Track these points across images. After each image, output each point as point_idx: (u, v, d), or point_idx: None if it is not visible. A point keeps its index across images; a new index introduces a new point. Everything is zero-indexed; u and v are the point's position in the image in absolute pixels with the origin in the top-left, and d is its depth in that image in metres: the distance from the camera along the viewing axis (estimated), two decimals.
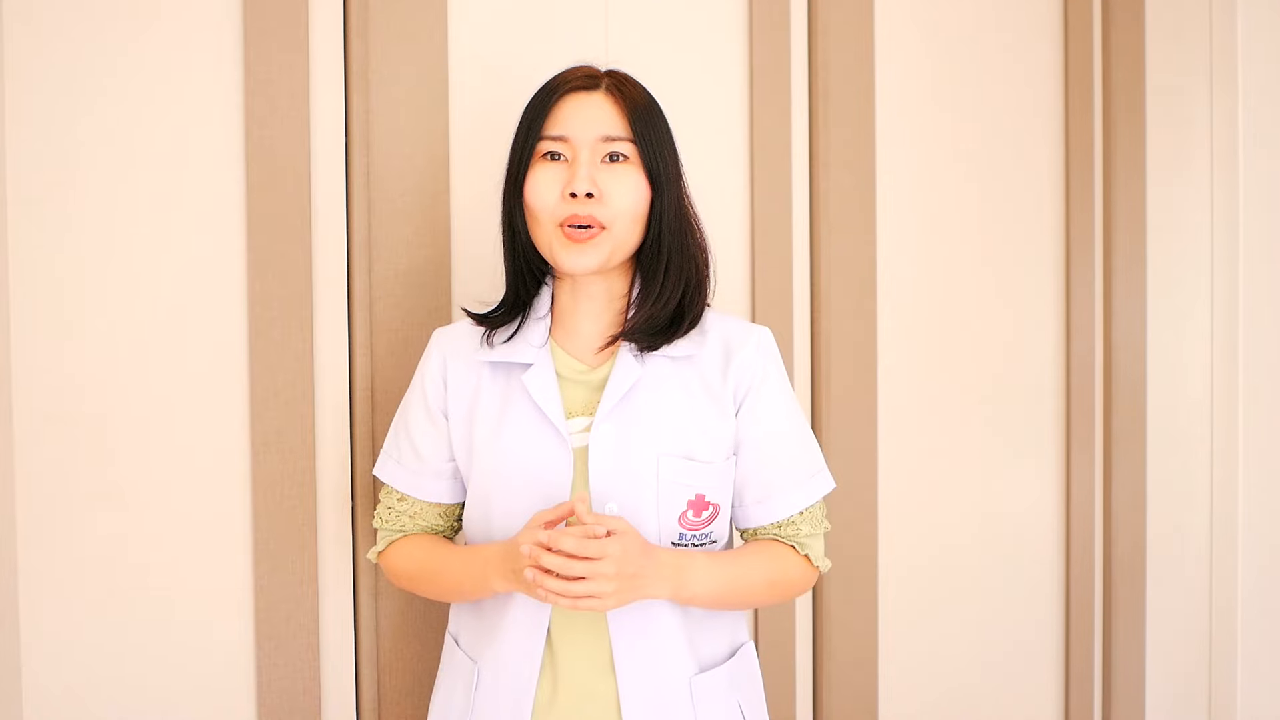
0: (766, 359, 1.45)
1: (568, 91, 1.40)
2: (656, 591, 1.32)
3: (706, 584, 1.36)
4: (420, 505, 1.49)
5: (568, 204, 1.37)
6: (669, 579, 1.33)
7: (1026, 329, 2.27)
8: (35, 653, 1.48)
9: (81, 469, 1.50)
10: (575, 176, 1.37)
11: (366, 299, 1.65)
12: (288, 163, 1.59)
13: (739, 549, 1.44)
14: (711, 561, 1.38)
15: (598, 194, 1.37)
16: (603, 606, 1.27)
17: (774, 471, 1.44)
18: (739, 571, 1.40)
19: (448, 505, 1.50)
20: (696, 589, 1.36)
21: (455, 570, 1.41)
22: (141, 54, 1.53)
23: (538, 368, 1.41)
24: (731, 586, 1.39)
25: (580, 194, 1.36)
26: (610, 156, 1.39)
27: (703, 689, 1.40)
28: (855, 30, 2.02)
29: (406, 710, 1.69)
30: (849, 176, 2.02)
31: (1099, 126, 2.32)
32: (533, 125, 1.41)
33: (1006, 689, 2.28)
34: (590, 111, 1.39)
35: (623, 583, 1.27)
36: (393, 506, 1.50)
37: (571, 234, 1.37)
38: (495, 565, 1.34)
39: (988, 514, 2.24)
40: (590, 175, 1.37)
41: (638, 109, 1.40)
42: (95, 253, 1.51)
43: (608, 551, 1.26)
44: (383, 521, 1.50)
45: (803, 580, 1.47)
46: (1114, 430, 2.32)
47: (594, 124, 1.38)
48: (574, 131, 1.38)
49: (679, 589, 1.34)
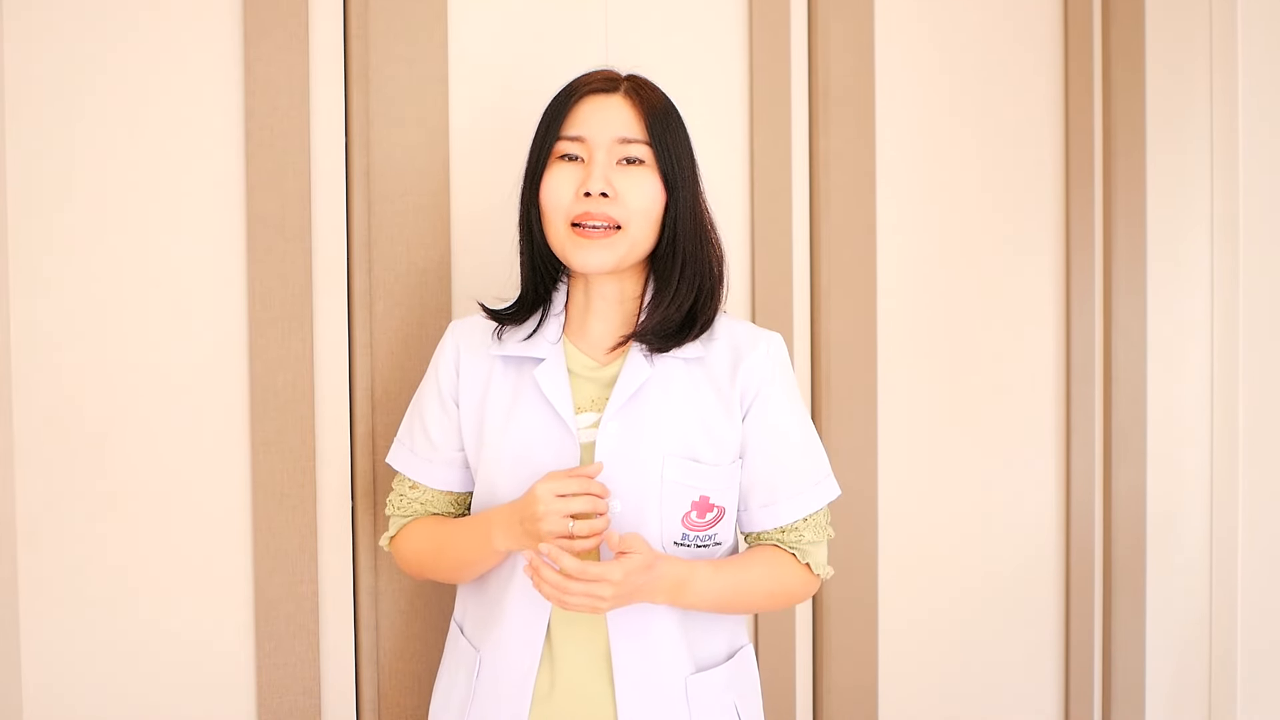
0: (775, 365, 1.45)
1: (586, 93, 1.41)
2: (654, 600, 1.35)
3: (705, 595, 1.38)
4: (432, 493, 1.50)
5: (581, 202, 1.38)
6: (667, 591, 1.35)
7: (1026, 329, 2.27)
8: (35, 653, 1.48)
9: (81, 469, 1.50)
10: (590, 176, 1.38)
11: (366, 299, 1.65)
12: (288, 162, 1.59)
13: (741, 556, 1.45)
14: (713, 572, 1.39)
15: (612, 194, 1.38)
16: (596, 611, 1.30)
17: (780, 477, 1.44)
18: (739, 580, 1.41)
19: (459, 494, 1.51)
20: (694, 600, 1.38)
21: (460, 538, 1.43)
22: (141, 54, 1.53)
23: (550, 363, 1.42)
24: (731, 595, 1.41)
25: (595, 193, 1.37)
26: (626, 159, 1.40)
27: (698, 689, 1.41)
28: (855, 30, 2.02)
29: (407, 709, 1.69)
30: (849, 176, 2.02)
31: (1099, 126, 2.32)
32: (551, 126, 1.42)
33: (1006, 689, 2.28)
34: (608, 113, 1.40)
35: (620, 597, 1.30)
36: (404, 494, 1.51)
37: (583, 232, 1.38)
38: (500, 523, 1.36)
39: (988, 514, 2.24)
40: (605, 175, 1.38)
41: (655, 112, 1.41)
42: (95, 253, 1.51)
43: (608, 577, 1.27)
44: (394, 509, 1.52)
45: (803, 589, 1.48)
46: (1114, 429, 2.32)
47: (611, 125, 1.39)
48: (591, 132, 1.39)
49: (676, 599, 1.36)
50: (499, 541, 1.36)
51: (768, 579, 1.43)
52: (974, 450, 2.22)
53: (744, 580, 1.41)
